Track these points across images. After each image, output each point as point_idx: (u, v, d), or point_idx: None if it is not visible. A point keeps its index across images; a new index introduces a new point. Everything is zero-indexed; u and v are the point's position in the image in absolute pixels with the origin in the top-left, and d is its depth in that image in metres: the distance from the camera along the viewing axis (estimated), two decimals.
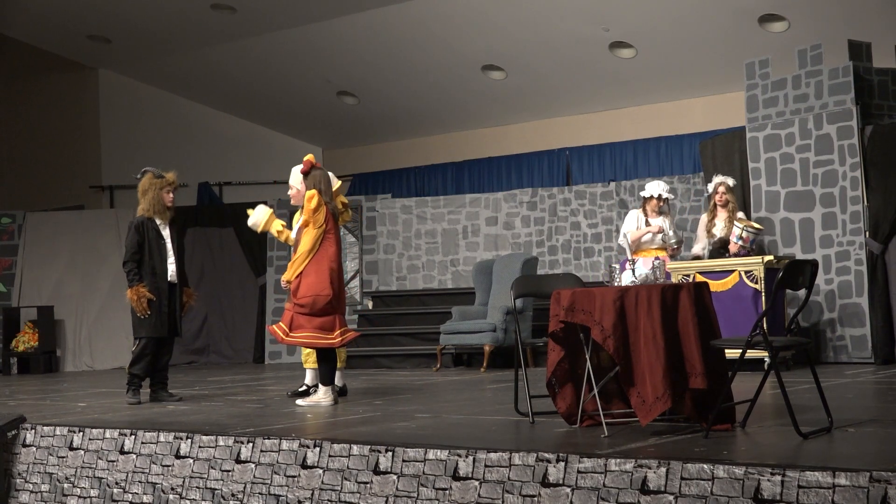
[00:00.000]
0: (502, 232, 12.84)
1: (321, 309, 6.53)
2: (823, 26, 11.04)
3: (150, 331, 7.42)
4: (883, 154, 8.98)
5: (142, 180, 7.63)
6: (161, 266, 7.50)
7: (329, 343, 6.59)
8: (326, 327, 6.57)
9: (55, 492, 5.76)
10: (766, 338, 4.53)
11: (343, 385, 7.49)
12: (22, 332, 13.15)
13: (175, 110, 15.87)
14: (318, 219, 6.58)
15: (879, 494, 3.24)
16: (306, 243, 6.55)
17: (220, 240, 13.99)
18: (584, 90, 13.79)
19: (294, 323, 6.58)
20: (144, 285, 7.40)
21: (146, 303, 7.36)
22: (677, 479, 3.65)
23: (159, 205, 7.55)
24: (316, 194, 6.61)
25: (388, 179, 15.94)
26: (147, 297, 7.37)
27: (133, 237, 7.46)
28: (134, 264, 7.43)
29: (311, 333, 6.56)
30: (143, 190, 7.60)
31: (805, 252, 9.21)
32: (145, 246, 7.47)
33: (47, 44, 14.65)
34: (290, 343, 6.68)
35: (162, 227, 7.59)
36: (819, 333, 9.14)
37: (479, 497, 4.10)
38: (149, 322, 7.40)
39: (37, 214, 14.07)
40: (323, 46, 13.52)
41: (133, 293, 7.38)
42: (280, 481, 4.79)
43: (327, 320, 6.57)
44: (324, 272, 6.55)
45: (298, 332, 6.58)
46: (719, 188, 9.04)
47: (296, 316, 6.58)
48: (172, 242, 7.62)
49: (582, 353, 4.84)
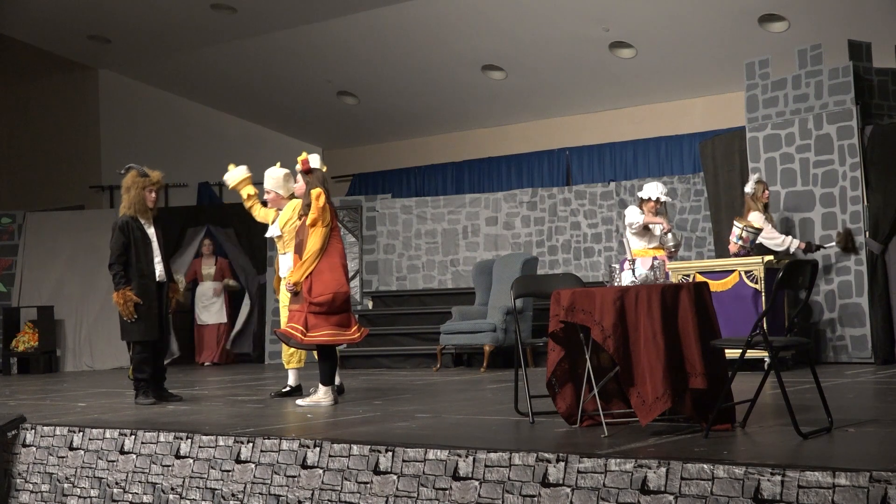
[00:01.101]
0: (502, 232, 12.84)
1: (339, 306, 6.48)
2: (823, 26, 11.04)
3: (141, 334, 7.29)
4: (883, 154, 8.98)
5: (125, 177, 7.47)
6: (148, 267, 7.36)
7: (350, 339, 6.56)
8: (344, 324, 6.53)
9: (55, 492, 5.76)
10: (766, 338, 4.53)
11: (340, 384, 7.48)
12: (22, 332, 13.15)
13: (175, 110, 15.87)
14: (326, 217, 6.56)
15: (879, 494, 3.24)
16: (316, 242, 6.49)
17: (221, 240, 14.00)
18: (584, 90, 13.78)
19: (309, 323, 6.47)
20: (131, 288, 7.25)
21: (133, 307, 7.21)
22: (677, 479, 3.65)
23: (140, 203, 7.38)
24: (322, 192, 6.60)
25: (388, 179, 15.93)
26: (134, 300, 7.21)
27: (118, 238, 7.29)
28: (120, 266, 7.28)
29: (330, 331, 6.47)
30: (126, 187, 7.44)
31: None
32: (131, 247, 7.31)
33: (47, 44, 14.65)
34: (310, 343, 6.53)
35: (146, 226, 7.43)
36: (819, 333, 9.14)
37: (479, 497, 4.10)
38: (139, 326, 7.26)
39: (37, 214, 14.07)
40: (323, 46, 13.52)
41: (119, 297, 7.22)
42: (280, 481, 4.79)
43: (343, 317, 6.53)
44: (338, 269, 6.52)
45: (317, 332, 6.46)
46: (763, 188, 8.99)
47: (310, 316, 6.47)
48: (158, 241, 7.48)
49: (582, 353, 4.84)
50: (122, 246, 7.30)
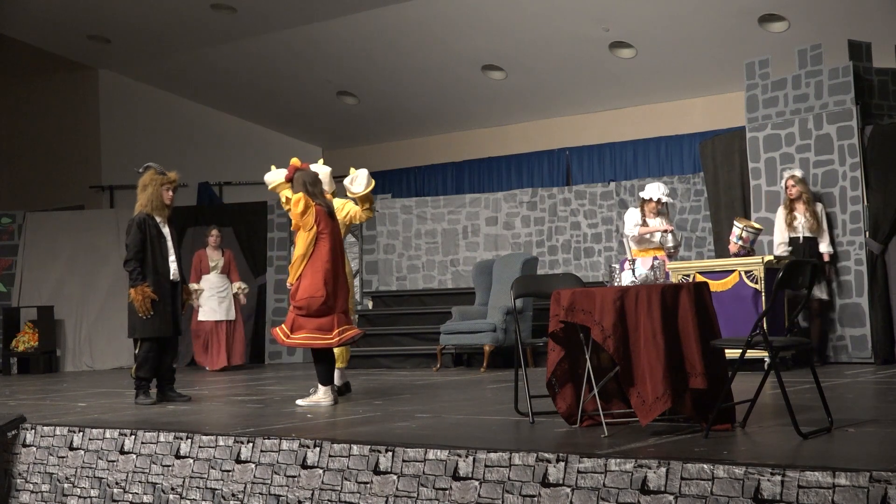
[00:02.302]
0: (502, 232, 12.84)
1: (317, 310, 6.55)
2: (823, 26, 11.04)
3: (155, 331, 7.33)
4: (883, 154, 8.98)
5: (143, 175, 7.55)
6: (164, 265, 7.42)
7: (326, 343, 6.59)
8: (325, 328, 6.58)
9: (55, 492, 5.76)
10: (766, 338, 4.53)
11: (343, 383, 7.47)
12: (22, 332, 13.14)
13: (175, 110, 15.87)
14: (307, 221, 6.57)
15: (879, 494, 3.24)
16: (299, 247, 6.58)
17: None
18: (584, 90, 13.79)
19: (294, 325, 6.60)
20: (148, 284, 7.31)
21: (149, 303, 7.28)
22: (677, 479, 3.65)
23: (158, 201, 7.46)
24: (302, 197, 6.58)
25: (388, 179, 15.93)
26: (151, 296, 7.28)
27: (136, 235, 7.33)
28: (137, 263, 7.31)
29: (309, 334, 6.58)
30: (144, 185, 7.50)
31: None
32: (147, 244, 7.37)
33: (47, 44, 14.65)
34: (290, 345, 6.71)
35: (162, 224, 7.50)
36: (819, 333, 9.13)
37: (479, 497, 4.10)
38: (152, 322, 7.31)
39: (37, 214, 14.06)
40: (323, 46, 13.52)
41: (137, 293, 7.27)
42: (280, 481, 4.79)
43: (325, 321, 6.58)
44: (318, 273, 6.55)
45: (298, 334, 6.60)
46: (788, 182, 9.00)
47: (296, 318, 6.60)
48: (172, 240, 7.55)
49: (582, 353, 4.84)
50: (139, 242, 7.35)
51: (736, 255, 8.65)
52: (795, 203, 9.00)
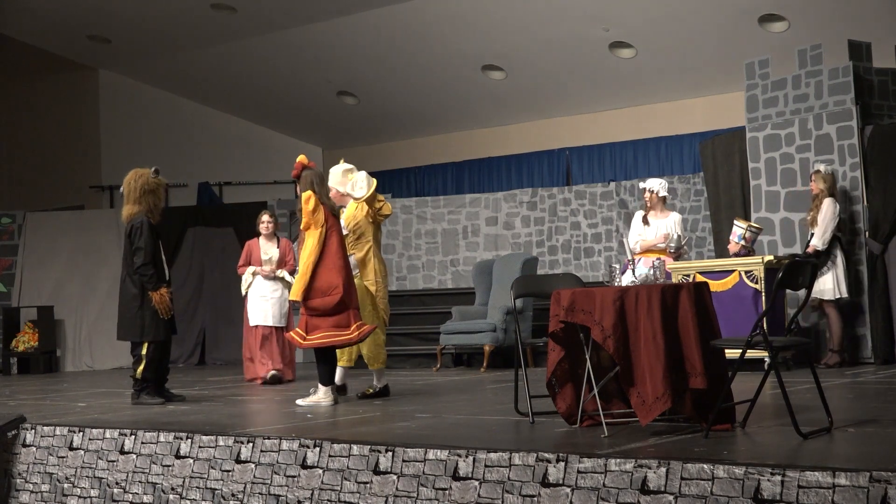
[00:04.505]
0: (502, 232, 12.84)
1: (333, 308, 6.51)
2: (823, 26, 11.04)
3: (163, 333, 7.40)
4: (883, 154, 8.98)
5: (151, 179, 7.57)
6: (163, 268, 7.51)
7: (346, 339, 6.56)
8: (342, 324, 6.55)
9: (55, 492, 5.76)
10: (766, 338, 4.53)
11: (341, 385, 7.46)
12: (22, 332, 13.15)
13: (175, 110, 15.87)
14: (318, 219, 6.57)
15: (879, 494, 3.24)
16: (308, 249, 6.52)
17: (220, 240, 13.97)
18: (584, 90, 13.79)
19: (309, 326, 6.56)
20: (167, 286, 7.40)
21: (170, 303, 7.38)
22: (677, 479, 3.65)
23: (159, 207, 7.56)
24: (312, 195, 6.59)
25: (388, 179, 15.92)
26: (169, 298, 7.37)
27: (149, 238, 7.36)
28: (152, 266, 7.36)
29: (327, 332, 6.53)
30: (151, 190, 7.52)
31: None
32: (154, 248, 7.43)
33: (47, 44, 14.65)
34: (308, 347, 6.63)
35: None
36: (819, 333, 9.13)
37: (479, 497, 4.10)
38: (164, 325, 7.39)
39: (37, 214, 14.07)
40: (323, 46, 13.52)
41: (159, 296, 7.31)
42: (280, 481, 4.79)
43: (342, 317, 6.55)
44: (330, 270, 6.53)
45: (315, 334, 6.54)
46: (812, 177, 8.90)
47: (309, 319, 6.56)
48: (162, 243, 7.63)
49: (582, 353, 4.84)
50: (153, 245, 7.40)
51: (736, 254, 8.65)
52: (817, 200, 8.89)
